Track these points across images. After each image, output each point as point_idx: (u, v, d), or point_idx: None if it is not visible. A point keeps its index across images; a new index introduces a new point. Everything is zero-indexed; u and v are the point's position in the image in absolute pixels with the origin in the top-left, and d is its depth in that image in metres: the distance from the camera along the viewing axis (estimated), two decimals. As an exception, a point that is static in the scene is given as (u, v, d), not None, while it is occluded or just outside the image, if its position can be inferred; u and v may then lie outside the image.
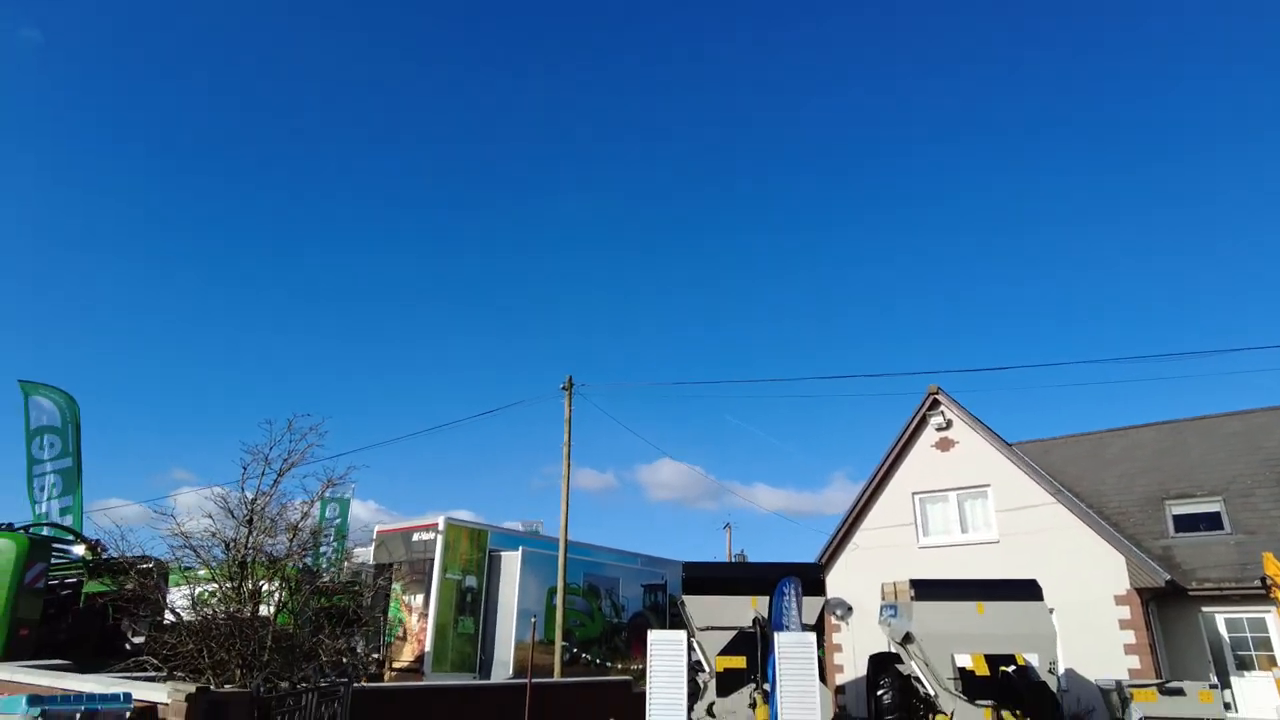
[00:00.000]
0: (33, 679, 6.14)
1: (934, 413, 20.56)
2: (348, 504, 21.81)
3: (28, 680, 6.12)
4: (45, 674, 6.44)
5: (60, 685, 5.66)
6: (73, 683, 5.64)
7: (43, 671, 6.64)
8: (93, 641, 11.81)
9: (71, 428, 15.91)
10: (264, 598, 8.62)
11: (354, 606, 11.04)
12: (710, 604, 13.40)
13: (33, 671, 6.59)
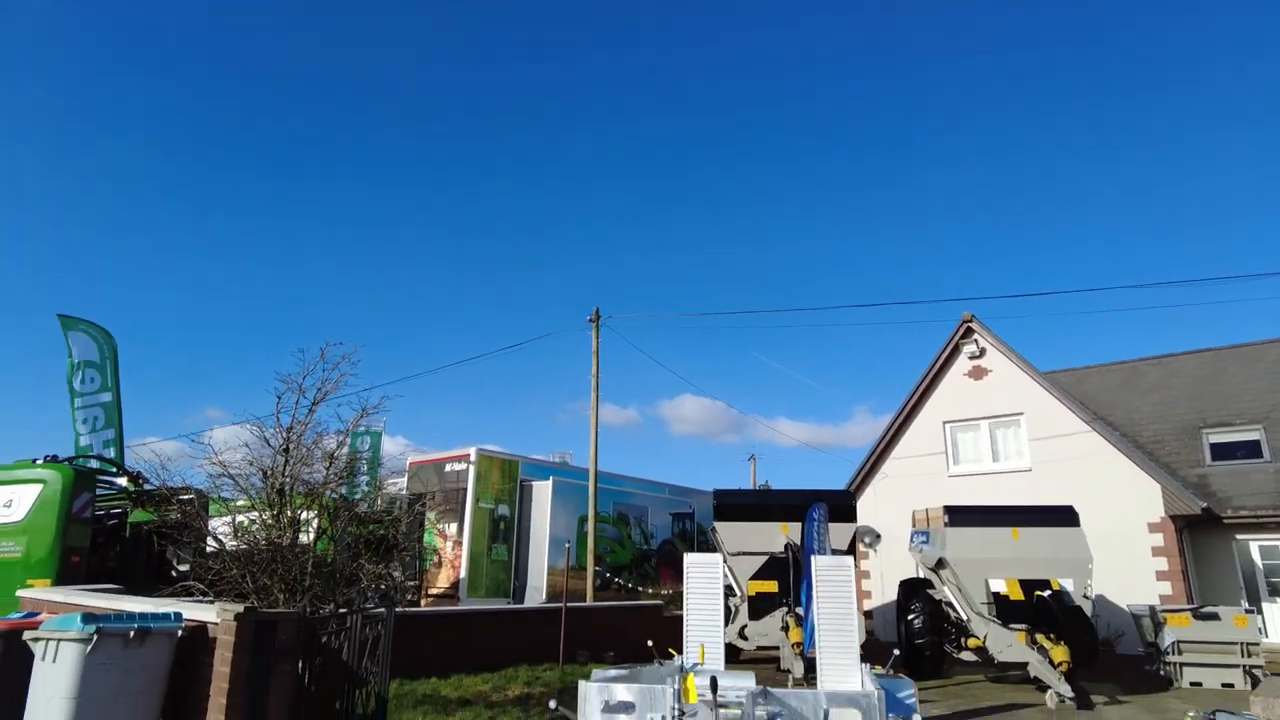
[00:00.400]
0: (87, 600, 6.26)
1: (967, 341, 20.21)
2: (379, 436, 22.02)
3: (82, 602, 6.24)
4: (98, 596, 6.57)
5: (113, 607, 5.75)
6: (125, 604, 5.73)
7: (96, 594, 6.78)
8: (140, 569, 12.15)
9: (110, 363, 16.10)
10: (303, 526, 8.72)
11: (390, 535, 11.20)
12: (741, 530, 13.50)
13: (86, 594, 6.74)
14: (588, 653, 14.79)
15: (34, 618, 5.44)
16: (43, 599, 7.16)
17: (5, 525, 10.21)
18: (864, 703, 4.94)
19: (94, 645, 4.29)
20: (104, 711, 4.31)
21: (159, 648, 4.57)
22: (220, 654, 4.46)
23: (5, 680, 4.89)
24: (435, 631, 12.50)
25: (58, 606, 6.61)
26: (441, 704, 9.05)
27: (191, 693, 4.69)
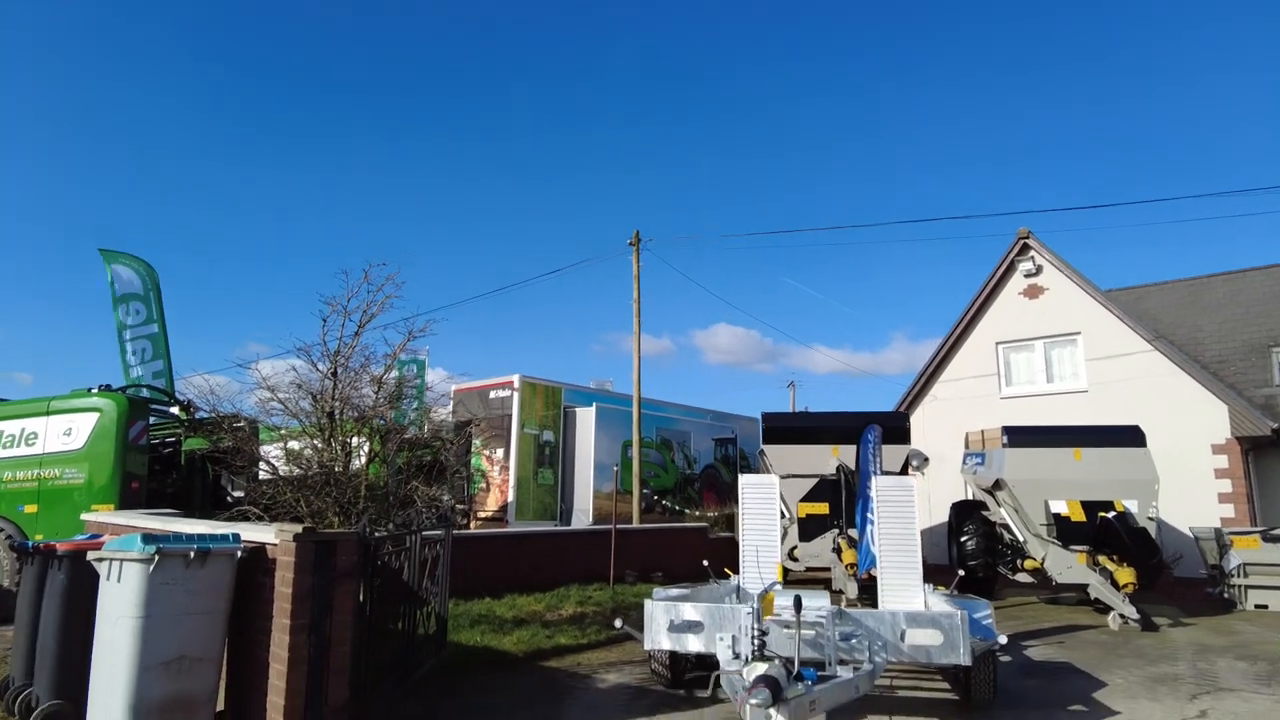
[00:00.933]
0: (147, 523, 6.27)
1: (1023, 258, 19.40)
2: (424, 364, 22.14)
3: (144, 524, 6.25)
4: (158, 519, 6.59)
5: (172, 529, 5.73)
6: (183, 526, 5.69)
7: (156, 517, 6.80)
8: (197, 495, 12.37)
9: (153, 294, 16.15)
10: (354, 451, 8.68)
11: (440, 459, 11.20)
12: (791, 452, 13.29)
13: (147, 517, 6.76)
14: (636, 573, 14.92)
15: (97, 539, 5.42)
16: (105, 522, 7.23)
17: (67, 453, 10.37)
18: (946, 623, 4.72)
19: (155, 565, 4.21)
20: (170, 630, 4.26)
21: (220, 568, 4.49)
22: (281, 575, 4.36)
23: (74, 598, 4.88)
24: (488, 553, 12.63)
25: (120, 529, 6.64)
26: (497, 623, 9.12)
27: (255, 612, 4.63)
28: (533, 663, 7.55)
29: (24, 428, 10.67)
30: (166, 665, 4.24)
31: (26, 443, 10.60)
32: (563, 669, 7.40)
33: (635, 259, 18.44)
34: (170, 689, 4.26)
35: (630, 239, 18.56)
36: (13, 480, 10.49)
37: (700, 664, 6.75)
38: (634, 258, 18.46)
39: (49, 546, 4.98)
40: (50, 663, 4.88)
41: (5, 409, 10.97)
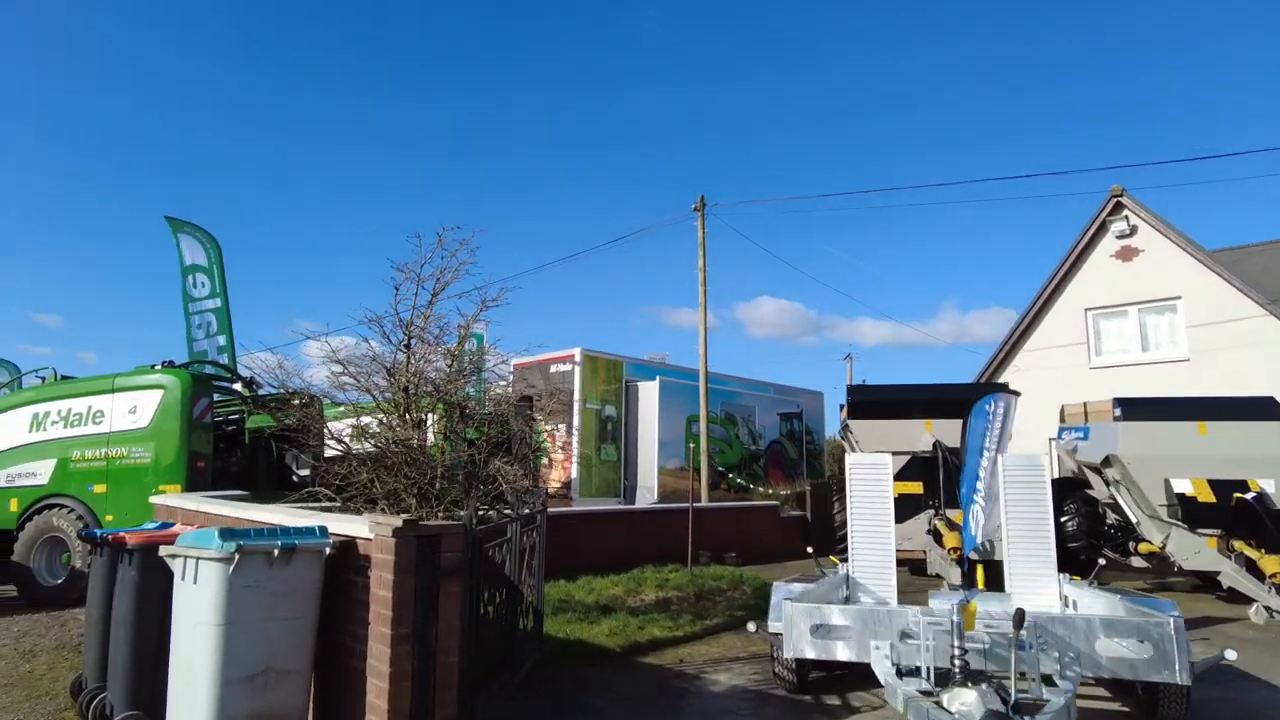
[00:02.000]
0: (218, 509, 5.77)
1: (1115, 218, 18.07)
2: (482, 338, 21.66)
3: (214, 510, 5.76)
4: (229, 504, 6.09)
5: (246, 516, 5.21)
6: (258, 514, 5.18)
7: (226, 501, 6.32)
8: (261, 474, 12.03)
9: (217, 267, 15.86)
10: (429, 428, 8.13)
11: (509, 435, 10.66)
12: (880, 428, 12.44)
13: (217, 501, 6.28)
14: (709, 553, 14.30)
15: (168, 529, 4.93)
16: (175, 505, 6.78)
17: (133, 431, 10.05)
18: (1155, 632, 3.94)
19: (236, 565, 3.63)
20: (254, 638, 3.70)
21: (307, 567, 3.91)
22: (378, 575, 3.77)
23: (146, 596, 4.37)
24: (559, 533, 12.10)
25: (191, 515, 6.18)
26: (582, 610, 8.55)
27: (345, 616, 4.05)
28: (631, 658, 6.95)
29: (91, 406, 10.38)
30: (251, 679, 3.69)
31: (94, 421, 10.31)
32: (666, 667, 6.78)
33: (700, 224, 17.63)
34: (255, 705, 3.71)
35: (695, 204, 17.72)
36: (81, 459, 10.22)
37: (819, 663, 6.07)
38: (699, 223, 17.66)
39: (118, 538, 4.48)
40: (124, 667, 4.39)
41: (73, 387, 10.69)
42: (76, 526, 9.95)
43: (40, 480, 10.34)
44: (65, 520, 10.02)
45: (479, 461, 8.34)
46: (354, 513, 7.70)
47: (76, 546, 9.89)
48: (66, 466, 10.26)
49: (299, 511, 5.12)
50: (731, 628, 8.33)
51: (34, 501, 10.26)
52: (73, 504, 10.10)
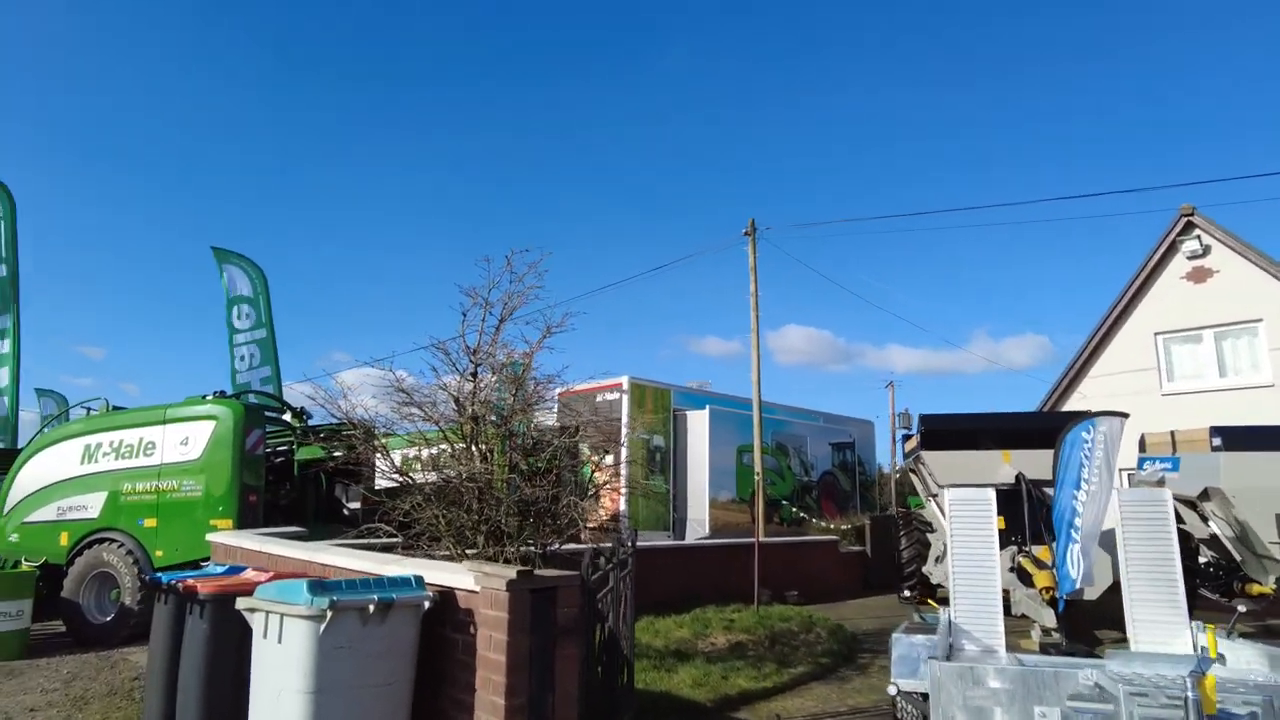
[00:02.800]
0: (283, 550, 5.35)
1: (1186, 237, 17.30)
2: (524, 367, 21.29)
3: (279, 552, 5.33)
4: (293, 545, 5.66)
5: (317, 560, 4.77)
6: (330, 557, 4.74)
7: (291, 542, 5.90)
8: (311, 507, 11.68)
9: (262, 298, 15.75)
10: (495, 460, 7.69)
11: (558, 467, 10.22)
12: (954, 459, 11.76)
13: (281, 542, 5.86)
14: (769, 591, 13.62)
15: (238, 574, 4.50)
16: (234, 544, 6.38)
17: (184, 464, 9.75)
18: None
19: (327, 623, 3.17)
20: (348, 708, 3.24)
21: (403, 624, 3.45)
22: (486, 634, 3.29)
23: (219, 654, 3.93)
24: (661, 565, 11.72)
25: (253, 556, 5.76)
26: (655, 656, 8.00)
27: (445, 681, 3.57)
28: (724, 714, 6.37)
29: (142, 437, 10.11)
30: (344, 755, 3.21)
31: (145, 453, 10.03)
32: (764, 725, 6.20)
33: (751, 249, 17.17)
34: (348, 785, 3.23)
35: (745, 229, 17.30)
36: (132, 492, 9.93)
37: None
38: (750, 248, 17.20)
39: (189, 586, 4.06)
40: (193, 733, 3.94)
41: (124, 418, 10.45)
42: (126, 562, 9.63)
43: (91, 514, 10.07)
44: (115, 555, 9.71)
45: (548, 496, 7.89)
46: (415, 551, 7.27)
47: (126, 583, 9.56)
48: (117, 499, 9.99)
49: (379, 558, 4.67)
50: (819, 677, 7.72)
51: (84, 535, 9.99)
52: (123, 538, 9.80)
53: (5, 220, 12.52)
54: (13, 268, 12.36)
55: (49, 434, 10.91)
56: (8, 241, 12.43)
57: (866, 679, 7.72)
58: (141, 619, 9.54)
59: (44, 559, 10.14)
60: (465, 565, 3.69)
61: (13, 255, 12.44)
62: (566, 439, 11.23)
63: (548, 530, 7.33)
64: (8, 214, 12.55)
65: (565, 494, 7.70)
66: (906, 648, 4.92)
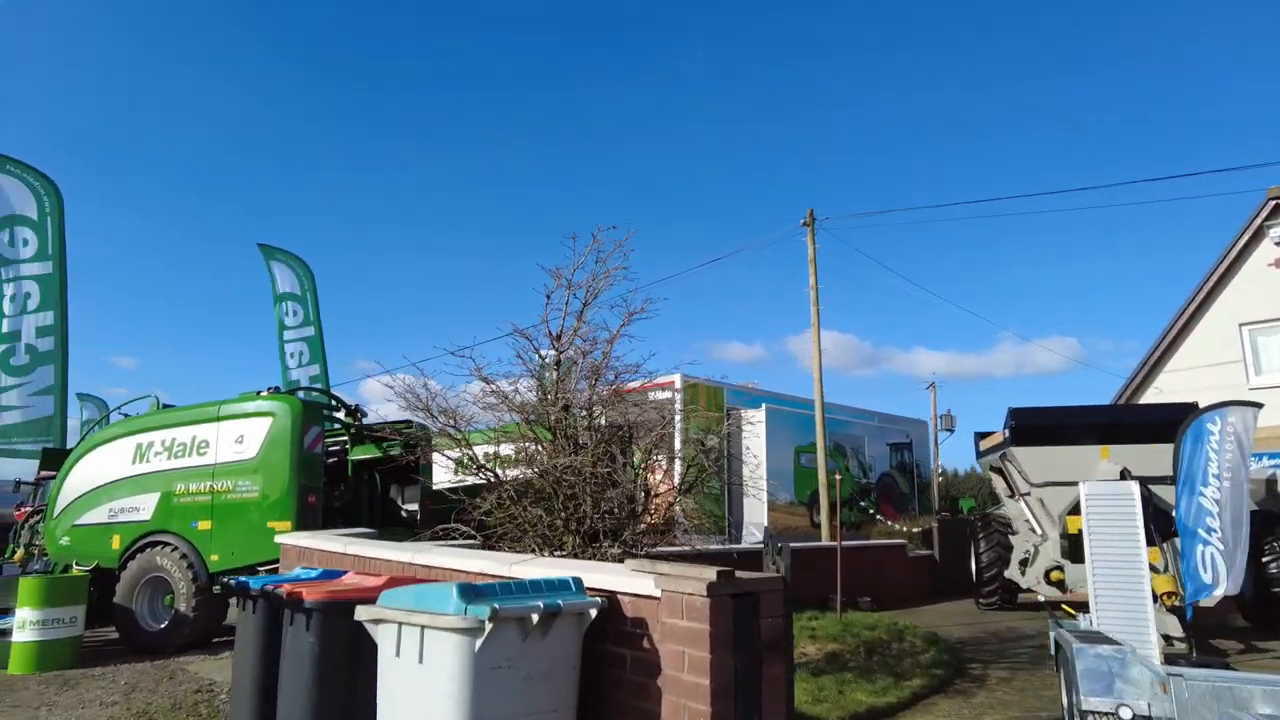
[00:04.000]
0: (374, 552, 4.77)
1: (1274, 222, 16.34)
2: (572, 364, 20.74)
3: (370, 554, 4.75)
4: (384, 546, 5.08)
5: (419, 561, 4.19)
6: (431, 557, 4.13)
7: (378, 543, 5.32)
8: (365, 509, 11.16)
9: (310, 295, 15.35)
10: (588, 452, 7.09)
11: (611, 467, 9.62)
12: (1049, 456, 11.01)
13: (368, 543, 5.29)
14: (844, 597, 12.90)
15: (336, 578, 3.91)
16: (309, 546, 5.82)
17: (240, 463, 9.26)
18: None
19: (486, 637, 2.55)
20: (506, 743, 2.60)
21: (566, 638, 2.83)
22: (673, 649, 2.67)
23: (330, 674, 3.33)
24: None
25: (334, 558, 5.19)
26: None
27: (611, 707, 2.93)
28: (858, 735, 5.70)
29: (195, 435, 9.64)
30: (504, 802, 2.59)
31: (198, 452, 9.56)
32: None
33: (810, 240, 16.48)
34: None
35: (804, 219, 16.60)
36: (185, 493, 9.45)
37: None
38: (809, 239, 16.51)
39: (293, 592, 3.46)
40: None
41: (176, 415, 9.99)
42: (180, 566, 9.15)
43: (143, 516, 9.61)
44: (169, 559, 9.23)
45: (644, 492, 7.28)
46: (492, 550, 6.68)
47: (181, 588, 9.08)
48: (170, 501, 9.51)
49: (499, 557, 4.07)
50: (937, 690, 7.02)
51: (136, 538, 9.53)
52: (177, 541, 9.32)
53: (52, 216, 12.17)
54: (60, 265, 12.01)
55: (99, 433, 10.49)
56: (55, 238, 12.08)
57: (991, 694, 7.00)
58: (197, 626, 9.06)
59: (95, 563, 9.70)
60: (630, 565, 3.07)
61: (60, 252, 12.09)
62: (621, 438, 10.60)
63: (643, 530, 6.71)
64: (55, 210, 12.20)
65: (641, 489, 7.09)
66: (1093, 660, 4.24)
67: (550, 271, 7.10)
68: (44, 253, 11.82)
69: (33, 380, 11.53)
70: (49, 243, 11.98)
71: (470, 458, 7.20)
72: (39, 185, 12.11)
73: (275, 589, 3.59)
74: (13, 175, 11.97)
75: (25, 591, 8.16)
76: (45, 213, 12.10)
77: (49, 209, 12.12)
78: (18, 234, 11.83)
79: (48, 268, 11.81)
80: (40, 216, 12.07)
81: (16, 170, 11.99)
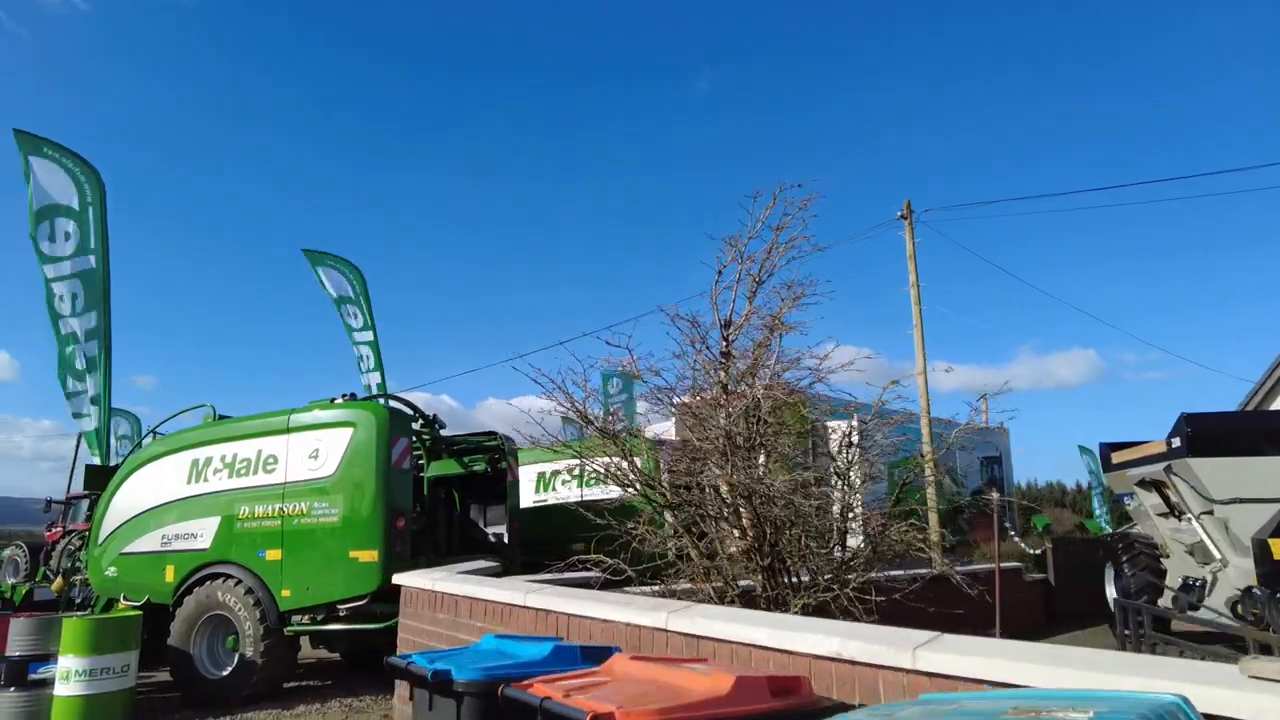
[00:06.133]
0: (582, 607, 3.40)
1: None
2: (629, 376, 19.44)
3: (575, 610, 3.38)
4: (593, 598, 3.69)
5: (693, 631, 2.77)
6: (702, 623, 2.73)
7: (580, 592, 3.95)
8: (443, 534, 9.82)
9: (363, 299, 14.12)
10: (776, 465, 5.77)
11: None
12: (1238, 468, 9.50)
13: (561, 592, 3.92)
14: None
15: (590, 658, 2.53)
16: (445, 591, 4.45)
17: (315, 482, 7.94)
18: None
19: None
20: None
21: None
22: None
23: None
24: None
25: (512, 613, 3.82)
26: None
27: None
28: None
29: (260, 450, 8.34)
30: None
31: (265, 469, 8.25)
32: None
33: (909, 234, 15.09)
34: None
35: (900, 211, 15.22)
36: (250, 518, 8.14)
37: None
38: (906, 233, 15.10)
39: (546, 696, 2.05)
40: None
41: (238, 427, 8.70)
42: (246, 604, 7.82)
43: (201, 544, 8.30)
44: (232, 595, 7.91)
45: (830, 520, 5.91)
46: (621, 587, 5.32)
47: (247, 629, 7.74)
48: (232, 526, 8.20)
49: (778, 620, 2.69)
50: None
51: (194, 570, 8.22)
52: (241, 574, 8.00)
53: (94, 206, 11.01)
54: (103, 260, 10.82)
55: (149, 448, 9.22)
56: (98, 230, 10.90)
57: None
58: (265, 674, 7.72)
59: (146, 597, 8.39)
60: (1251, 667, 1.68)
61: (102, 246, 10.91)
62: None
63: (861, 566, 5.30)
64: (97, 200, 11.04)
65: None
66: None
67: (727, 240, 5.76)
68: (86, 246, 10.64)
69: (88, 388, 10.31)
70: (91, 235, 10.80)
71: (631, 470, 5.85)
72: (78, 171, 10.96)
73: (554, 703, 2.15)
74: (50, 160, 10.83)
75: (70, 636, 6.85)
76: (86, 202, 10.94)
77: (90, 197, 10.96)
78: (59, 226, 10.66)
79: (90, 263, 10.61)
80: (81, 206, 10.91)
81: (54, 154, 10.85)
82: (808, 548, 5.24)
